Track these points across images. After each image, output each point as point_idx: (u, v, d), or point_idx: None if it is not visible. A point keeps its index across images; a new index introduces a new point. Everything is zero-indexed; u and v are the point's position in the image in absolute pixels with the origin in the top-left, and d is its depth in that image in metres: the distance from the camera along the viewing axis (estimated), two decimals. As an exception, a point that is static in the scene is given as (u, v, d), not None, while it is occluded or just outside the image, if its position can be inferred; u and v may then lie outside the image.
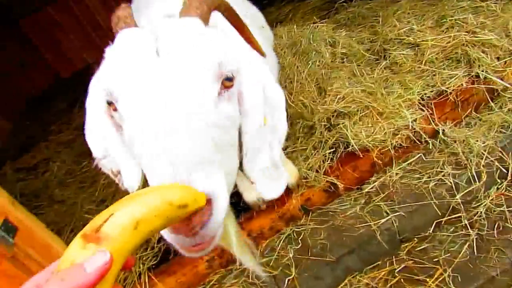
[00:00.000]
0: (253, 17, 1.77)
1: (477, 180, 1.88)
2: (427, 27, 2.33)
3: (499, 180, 1.91)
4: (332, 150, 2.04)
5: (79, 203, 2.52)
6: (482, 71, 2.10)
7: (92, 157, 1.01)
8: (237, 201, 2.05)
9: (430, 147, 2.01)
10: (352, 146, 1.97)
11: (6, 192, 1.63)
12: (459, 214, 1.84)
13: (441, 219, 1.85)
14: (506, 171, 1.91)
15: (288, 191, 2.00)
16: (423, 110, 2.04)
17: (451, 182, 1.88)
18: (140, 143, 0.74)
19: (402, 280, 1.73)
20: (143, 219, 0.51)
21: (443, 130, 2.03)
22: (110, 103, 0.83)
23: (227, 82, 0.82)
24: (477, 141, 1.95)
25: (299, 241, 1.91)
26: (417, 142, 2.03)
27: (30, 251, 1.50)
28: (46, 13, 4.32)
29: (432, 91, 2.08)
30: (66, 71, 4.63)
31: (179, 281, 1.91)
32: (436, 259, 1.74)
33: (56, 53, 4.54)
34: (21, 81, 4.34)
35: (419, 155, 2.02)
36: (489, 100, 2.12)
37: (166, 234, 0.70)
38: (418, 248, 1.83)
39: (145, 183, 0.90)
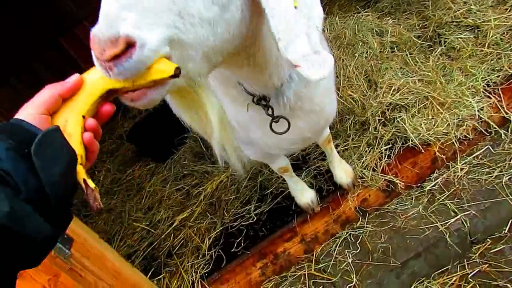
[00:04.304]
0: None
1: (558, 172, 1.68)
2: (488, 6, 2.12)
3: None
4: (388, 146, 1.89)
5: (126, 211, 2.52)
6: (555, 50, 1.90)
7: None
8: (289, 205, 1.96)
9: (501, 137, 1.82)
10: (412, 140, 1.82)
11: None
12: (540, 210, 1.66)
13: (519, 217, 1.66)
14: None
15: (343, 192, 1.88)
16: (490, 98, 1.85)
17: (528, 175, 1.69)
18: None
19: (477, 286, 1.57)
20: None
21: (515, 117, 1.83)
22: None
23: None
24: (555, 128, 1.75)
25: (358, 245, 1.79)
26: (484, 132, 1.84)
27: (86, 262, 1.48)
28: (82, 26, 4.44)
29: (498, 76, 1.89)
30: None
31: (232, 289, 1.85)
32: (515, 262, 1.56)
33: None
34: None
35: (487, 147, 1.84)
36: None
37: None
38: (493, 250, 1.66)
39: None
